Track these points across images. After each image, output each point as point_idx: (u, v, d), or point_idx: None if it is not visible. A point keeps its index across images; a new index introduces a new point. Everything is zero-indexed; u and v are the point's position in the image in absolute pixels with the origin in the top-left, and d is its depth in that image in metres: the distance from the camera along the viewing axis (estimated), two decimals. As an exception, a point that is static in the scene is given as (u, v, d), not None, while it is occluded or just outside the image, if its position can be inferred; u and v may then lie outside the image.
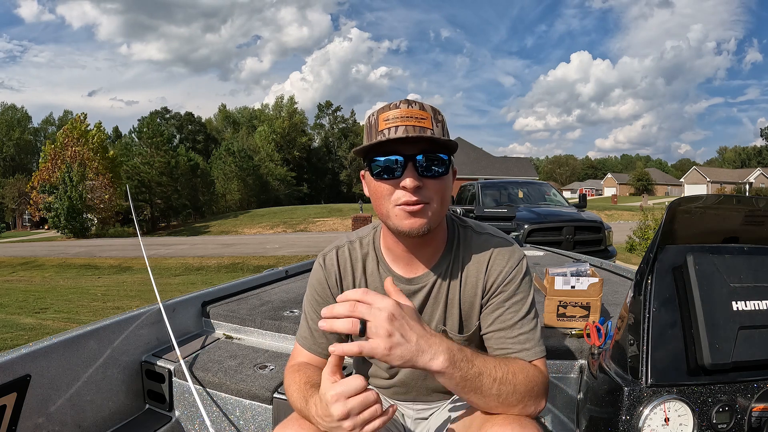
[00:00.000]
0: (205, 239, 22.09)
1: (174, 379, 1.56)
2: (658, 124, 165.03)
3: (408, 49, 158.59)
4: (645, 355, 0.74)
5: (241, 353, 1.66)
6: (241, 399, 1.44)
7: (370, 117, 0.86)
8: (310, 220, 25.89)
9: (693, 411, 0.73)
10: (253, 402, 1.42)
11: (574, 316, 1.51)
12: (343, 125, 59.32)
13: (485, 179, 12.31)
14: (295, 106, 55.90)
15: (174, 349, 1.54)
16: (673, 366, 0.74)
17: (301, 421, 0.83)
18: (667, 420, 0.72)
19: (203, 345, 1.76)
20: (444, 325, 0.96)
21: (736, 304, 0.75)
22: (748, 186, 50.90)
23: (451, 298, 0.94)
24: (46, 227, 30.99)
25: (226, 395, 1.47)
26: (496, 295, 0.91)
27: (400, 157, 0.81)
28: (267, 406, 1.40)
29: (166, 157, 33.83)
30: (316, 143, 58.80)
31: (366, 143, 0.84)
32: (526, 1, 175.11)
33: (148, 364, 1.62)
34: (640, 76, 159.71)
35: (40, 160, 29.86)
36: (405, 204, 0.82)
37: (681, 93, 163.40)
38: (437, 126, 0.84)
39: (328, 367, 0.75)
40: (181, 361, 1.49)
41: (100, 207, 27.30)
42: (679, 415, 0.72)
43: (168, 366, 1.58)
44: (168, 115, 54.88)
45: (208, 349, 1.72)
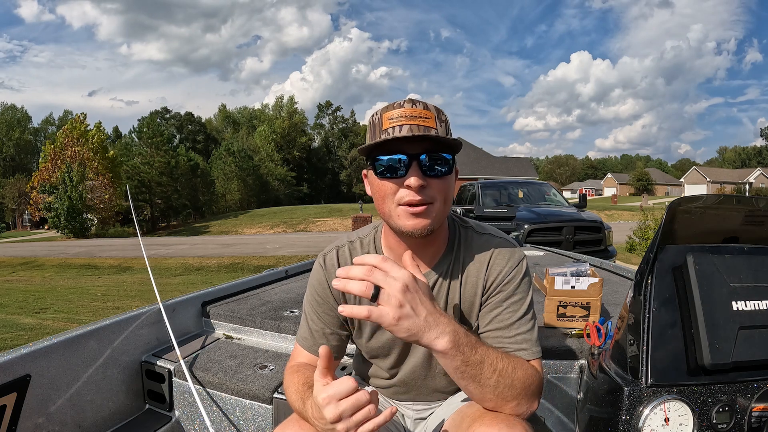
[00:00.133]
0: (205, 239, 22.09)
1: (174, 379, 1.56)
2: (658, 124, 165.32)
3: (408, 49, 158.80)
4: (645, 355, 0.74)
5: (241, 353, 1.66)
6: (241, 399, 1.44)
7: (373, 116, 0.86)
8: (310, 220, 25.89)
9: (693, 411, 0.73)
10: (253, 402, 1.42)
11: (574, 316, 1.51)
12: (343, 125, 59.32)
13: (485, 179, 12.32)
14: (295, 106, 56.00)
15: (174, 349, 1.54)
16: (673, 366, 0.74)
17: (301, 421, 0.83)
18: (667, 420, 0.72)
19: (203, 345, 1.76)
20: None
21: (736, 304, 0.75)
22: (748, 186, 50.91)
23: (451, 298, 0.94)
24: (46, 227, 30.99)
25: (226, 395, 1.47)
26: (495, 294, 0.91)
27: (404, 156, 0.81)
28: (267, 406, 1.40)
29: (166, 157, 33.82)
30: (316, 143, 58.83)
31: (369, 142, 0.84)
32: (526, 1, 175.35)
33: (148, 364, 1.62)
34: (640, 76, 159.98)
35: (40, 160, 29.87)
36: (409, 203, 0.82)
37: (681, 93, 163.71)
38: (441, 126, 0.84)
39: (319, 369, 0.75)
40: (181, 361, 1.49)
41: (100, 207, 27.30)
42: (679, 415, 0.72)
43: (168, 366, 1.58)
44: (168, 115, 54.92)
45: (208, 349, 1.72)
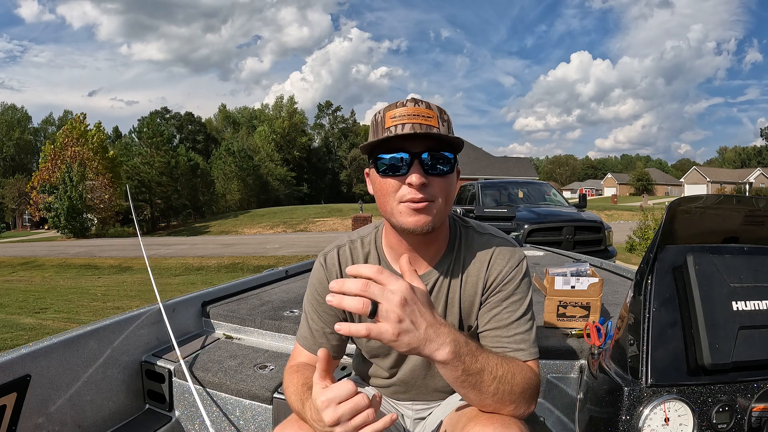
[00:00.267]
0: (205, 239, 22.09)
1: (174, 379, 1.56)
2: (658, 124, 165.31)
3: (408, 49, 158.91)
4: (645, 355, 0.74)
5: (241, 353, 1.66)
6: (241, 399, 1.44)
7: (376, 115, 0.86)
8: (310, 220, 25.88)
9: (693, 411, 0.73)
10: (253, 402, 1.42)
11: (574, 316, 1.51)
12: (343, 125, 59.31)
13: (485, 179, 12.33)
14: (295, 106, 55.96)
15: (174, 349, 1.54)
16: (673, 366, 0.74)
17: (301, 422, 0.83)
18: (667, 420, 0.72)
19: (203, 345, 1.76)
20: None
21: (736, 304, 0.75)
22: (748, 186, 50.91)
23: (451, 297, 0.94)
24: (46, 227, 30.98)
25: (226, 395, 1.47)
26: (494, 293, 0.92)
27: (405, 155, 0.82)
28: (267, 406, 1.40)
29: (166, 157, 33.83)
30: (316, 143, 58.81)
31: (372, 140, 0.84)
32: (526, 1, 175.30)
33: (148, 364, 1.62)
34: (640, 76, 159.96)
35: (40, 160, 29.87)
36: (410, 201, 0.82)
37: (681, 93, 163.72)
38: (443, 125, 0.84)
39: (318, 372, 0.74)
40: (181, 361, 1.49)
41: (100, 207, 27.30)
42: (679, 415, 0.72)
43: (168, 366, 1.58)
44: (168, 115, 54.88)
45: (208, 349, 1.72)
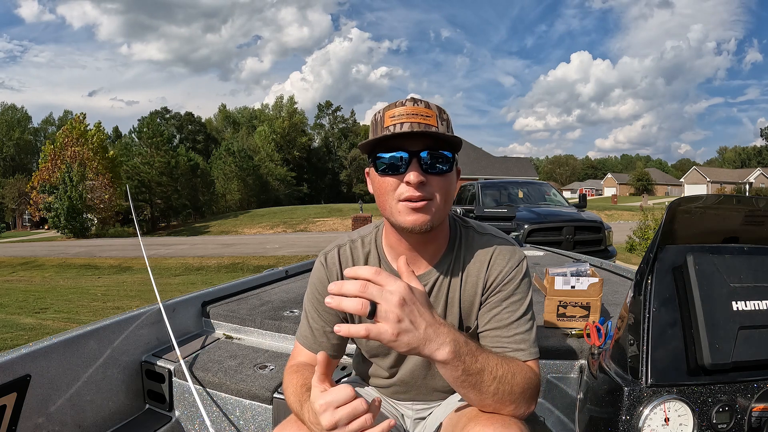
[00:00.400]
0: (205, 239, 22.09)
1: (174, 379, 1.56)
2: (658, 124, 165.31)
3: (408, 49, 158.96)
4: (645, 355, 0.74)
5: (241, 353, 1.66)
6: (241, 399, 1.44)
7: (376, 114, 0.87)
8: (310, 220, 25.88)
9: (693, 411, 0.73)
10: (253, 402, 1.42)
11: (574, 316, 1.51)
12: (343, 125, 59.30)
13: (485, 179, 12.33)
14: (295, 106, 55.93)
15: (174, 349, 1.54)
16: (673, 366, 0.74)
17: (301, 423, 0.83)
18: (667, 420, 0.72)
19: (203, 345, 1.76)
20: None
21: (736, 304, 0.75)
22: (748, 186, 50.91)
23: (451, 297, 0.94)
24: (46, 227, 30.99)
25: (226, 395, 1.47)
26: (494, 293, 0.92)
27: (404, 153, 0.82)
28: (267, 406, 1.40)
29: (166, 157, 33.82)
30: (316, 143, 58.79)
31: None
32: (526, 1, 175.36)
33: (148, 364, 1.62)
34: (640, 76, 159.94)
35: (40, 160, 29.86)
36: (408, 199, 0.82)
37: (681, 93, 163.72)
38: (442, 124, 0.84)
39: (317, 375, 0.74)
40: (181, 361, 1.49)
41: (100, 207, 27.30)
42: (679, 415, 0.72)
43: (168, 366, 1.58)
44: (168, 115, 54.86)
45: (208, 349, 1.72)
